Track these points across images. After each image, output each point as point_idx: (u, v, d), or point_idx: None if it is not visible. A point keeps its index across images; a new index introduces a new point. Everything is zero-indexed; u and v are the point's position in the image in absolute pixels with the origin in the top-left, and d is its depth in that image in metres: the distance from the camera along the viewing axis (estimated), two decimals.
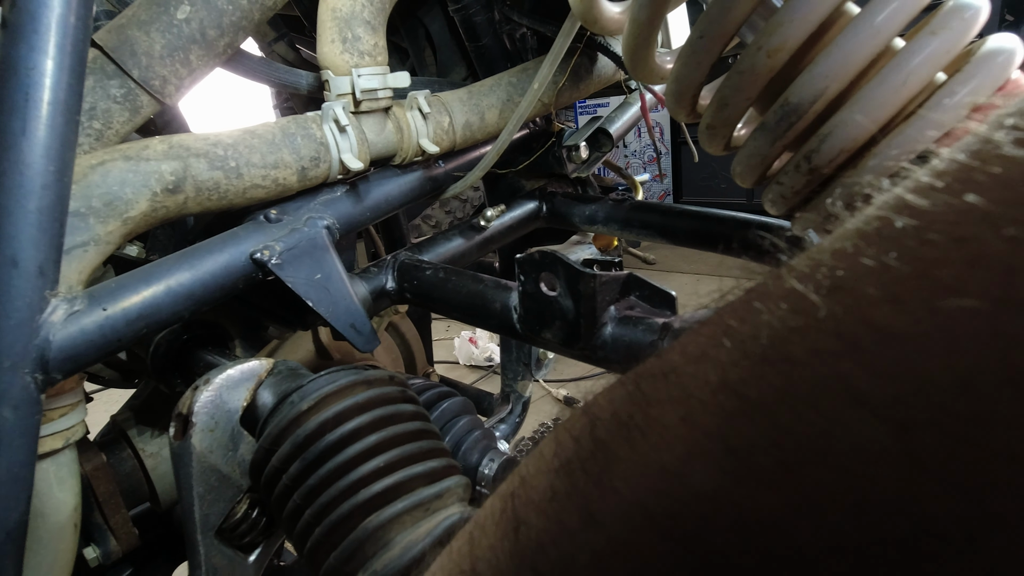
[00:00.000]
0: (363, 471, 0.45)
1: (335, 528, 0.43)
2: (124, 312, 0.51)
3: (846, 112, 0.33)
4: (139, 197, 0.53)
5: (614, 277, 0.57)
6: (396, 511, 0.44)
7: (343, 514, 0.43)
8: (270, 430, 0.48)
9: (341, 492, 0.44)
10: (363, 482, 0.44)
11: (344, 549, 0.43)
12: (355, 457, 0.45)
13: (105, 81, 0.55)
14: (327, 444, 0.46)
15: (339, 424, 0.46)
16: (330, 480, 0.45)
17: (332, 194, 0.71)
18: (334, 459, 0.45)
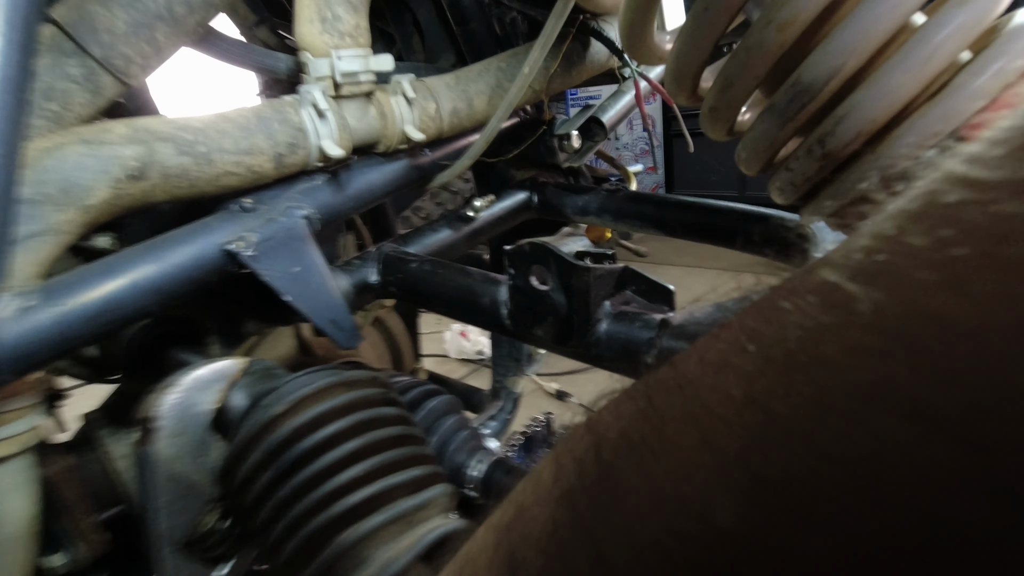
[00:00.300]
0: (339, 481, 0.42)
1: (308, 544, 0.40)
2: (83, 308, 0.47)
3: (864, 92, 0.30)
4: (99, 184, 0.50)
5: (609, 271, 0.54)
6: (374, 525, 0.41)
7: (316, 528, 0.40)
8: (241, 436, 0.45)
9: (315, 504, 0.41)
10: (339, 493, 0.41)
11: (317, 568, 0.39)
12: (331, 466, 0.42)
13: (62, 60, 0.51)
14: (301, 451, 0.42)
15: (315, 429, 0.43)
16: (303, 491, 0.41)
17: (311, 183, 0.68)
18: (308, 468, 0.42)
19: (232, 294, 0.75)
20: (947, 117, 0.30)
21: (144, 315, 0.52)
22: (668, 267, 4.16)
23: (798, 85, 0.32)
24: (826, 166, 0.34)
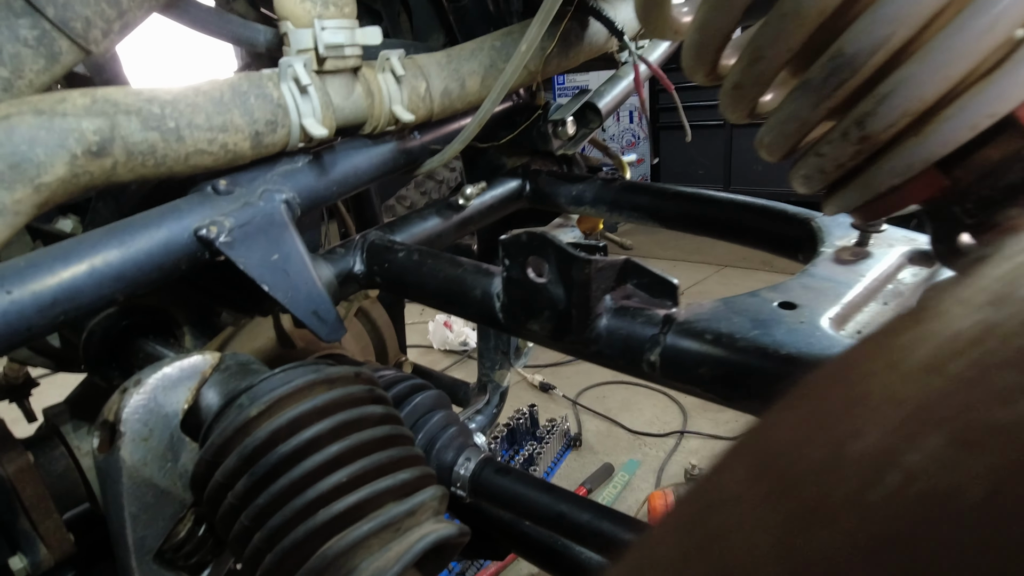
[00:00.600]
0: (321, 488, 0.38)
1: (288, 556, 0.37)
2: (35, 296, 0.43)
3: (913, 66, 0.27)
4: (54, 160, 0.45)
5: (610, 263, 0.51)
6: (361, 534, 0.37)
7: (298, 540, 0.37)
8: (213, 439, 0.41)
9: (296, 513, 0.37)
10: (322, 501, 0.38)
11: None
12: (312, 472, 0.38)
13: (12, 20, 0.46)
14: (279, 457, 0.39)
15: (294, 432, 0.39)
16: (283, 499, 0.38)
17: (292, 164, 0.63)
18: (287, 475, 0.38)
19: (206, 282, 0.71)
20: (1003, 97, 0.27)
21: (105, 304, 0.48)
22: (653, 260, 4.16)
23: (838, 58, 0.29)
24: (863, 151, 0.31)
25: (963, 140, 0.28)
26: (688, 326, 0.47)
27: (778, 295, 0.49)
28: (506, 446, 2.21)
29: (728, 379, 0.44)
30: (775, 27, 0.30)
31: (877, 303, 0.51)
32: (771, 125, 0.34)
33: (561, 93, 5.01)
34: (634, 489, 2.07)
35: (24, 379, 1.07)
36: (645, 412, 2.49)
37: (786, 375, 0.41)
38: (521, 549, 0.76)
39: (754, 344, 0.43)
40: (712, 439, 2.28)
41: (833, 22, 0.29)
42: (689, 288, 3.61)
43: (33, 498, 0.68)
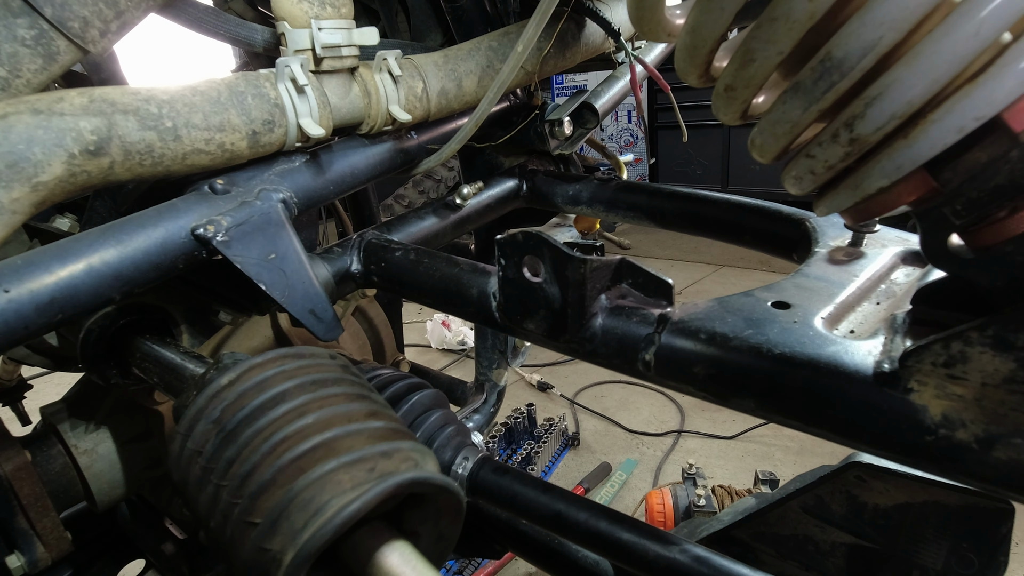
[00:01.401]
0: (288, 431, 0.37)
1: (256, 500, 0.35)
2: (32, 295, 0.43)
3: (901, 70, 0.28)
4: (52, 159, 0.45)
5: (605, 262, 0.51)
6: (330, 468, 0.35)
7: (264, 482, 0.35)
8: (188, 412, 0.41)
9: (263, 457, 0.36)
10: (289, 441, 0.37)
11: (266, 523, 0.34)
12: (279, 418, 0.38)
13: (10, 19, 0.47)
14: (246, 411, 0.39)
15: (262, 392, 0.40)
16: (250, 447, 0.37)
17: (289, 164, 0.64)
18: (254, 425, 0.38)
19: (203, 281, 0.71)
20: (989, 100, 0.27)
21: (103, 303, 0.48)
22: (650, 260, 4.16)
23: (829, 61, 0.29)
24: (853, 153, 0.31)
25: (951, 142, 0.28)
26: (682, 325, 0.47)
27: (772, 295, 0.50)
28: (504, 445, 2.21)
29: (722, 378, 0.44)
30: (766, 30, 0.30)
31: (870, 303, 0.51)
32: (762, 127, 0.34)
33: (560, 93, 5.01)
34: (631, 488, 2.08)
35: (18, 381, 1.07)
36: (643, 411, 2.50)
37: (779, 374, 0.42)
38: (519, 548, 0.77)
39: (747, 343, 0.43)
40: (709, 438, 2.29)
41: (823, 26, 0.29)
42: (686, 288, 3.62)
43: (30, 496, 0.68)
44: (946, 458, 0.34)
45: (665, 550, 0.59)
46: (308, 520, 0.33)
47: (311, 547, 0.32)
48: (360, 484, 0.34)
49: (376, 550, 0.35)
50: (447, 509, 0.40)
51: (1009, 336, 0.31)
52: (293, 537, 0.33)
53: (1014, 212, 0.30)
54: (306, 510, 0.34)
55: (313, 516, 0.33)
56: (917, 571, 0.62)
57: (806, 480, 0.66)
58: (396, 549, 0.35)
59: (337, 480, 0.35)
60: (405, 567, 0.34)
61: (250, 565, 0.34)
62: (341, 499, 0.34)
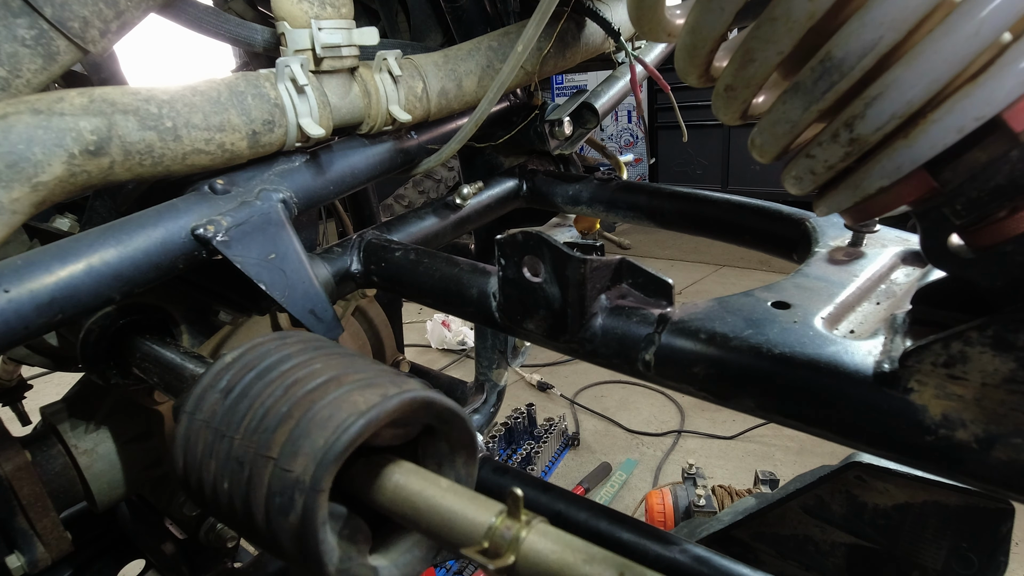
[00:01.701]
0: (298, 375, 0.38)
1: (273, 434, 0.36)
2: (32, 295, 0.43)
3: (901, 70, 0.28)
4: (52, 159, 0.45)
5: (605, 262, 0.51)
6: (344, 390, 0.36)
7: (281, 415, 0.36)
8: (192, 393, 0.41)
9: (275, 401, 0.37)
10: (300, 383, 0.38)
11: (286, 449, 0.35)
12: (287, 370, 0.39)
13: (10, 19, 0.47)
14: (255, 372, 0.39)
15: (266, 357, 0.40)
16: (261, 397, 0.38)
17: (289, 164, 0.64)
18: (263, 379, 0.39)
19: (203, 281, 0.71)
20: (989, 100, 0.27)
21: (103, 303, 0.48)
22: (651, 260, 4.16)
23: (828, 61, 0.29)
24: (852, 152, 0.31)
25: (950, 142, 0.28)
26: (682, 325, 0.47)
27: (772, 295, 0.50)
28: (504, 445, 2.21)
29: (722, 378, 0.44)
30: (766, 30, 0.30)
31: (870, 303, 0.51)
32: (762, 127, 0.34)
33: (560, 93, 5.01)
34: (631, 488, 2.08)
35: (18, 381, 1.07)
36: (643, 411, 2.50)
37: (779, 374, 0.42)
38: None
39: (747, 343, 0.43)
40: (709, 438, 2.29)
41: (823, 26, 0.29)
42: (686, 287, 3.62)
43: (30, 496, 0.68)
44: (946, 458, 0.34)
45: (665, 550, 0.59)
46: (328, 436, 0.34)
47: (332, 455, 0.33)
48: (373, 404, 0.35)
49: (385, 471, 0.36)
50: (460, 444, 0.41)
51: (1009, 336, 0.31)
52: (315, 453, 0.34)
53: (1014, 212, 0.30)
54: (325, 428, 0.35)
55: (332, 431, 0.34)
56: (917, 571, 0.62)
57: (806, 480, 0.66)
58: (402, 466, 0.36)
59: (352, 400, 0.36)
60: (414, 476, 0.35)
61: (274, 493, 0.35)
62: (357, 414, 0.35)
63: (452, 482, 0.34)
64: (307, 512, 0.33)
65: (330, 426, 0.34)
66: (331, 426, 0.34)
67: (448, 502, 0.33)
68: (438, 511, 0.33)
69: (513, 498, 0.30)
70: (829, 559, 0.67)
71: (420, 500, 0.34)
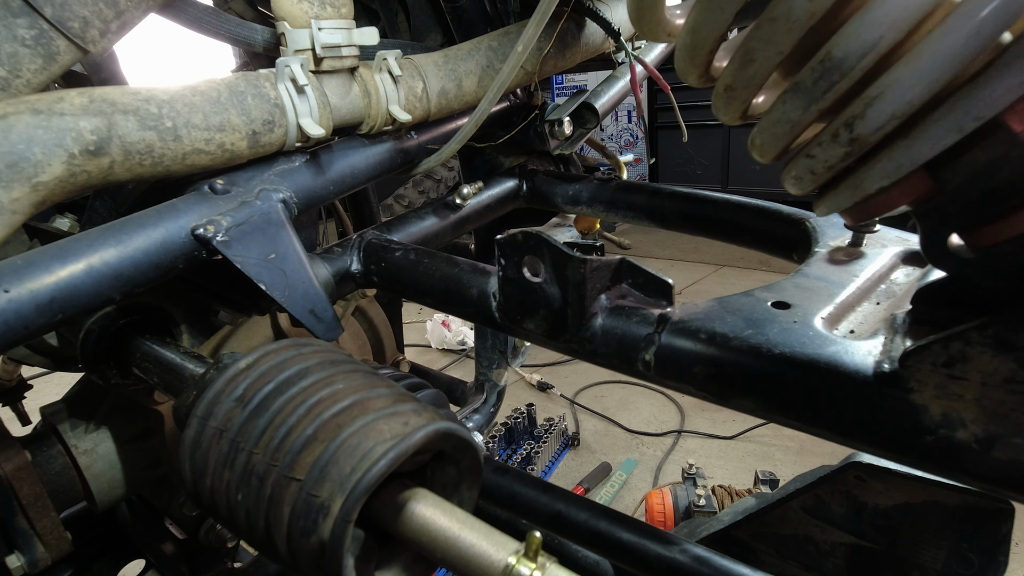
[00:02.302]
0: (322, 394, 0.39)
1: (298, 456, 0.37)
2: (32, 295, 0.43)
3: (901, 70, 0.28)
4: (52, 159, 0.45)
5: (605, 262, 0.51)
6: (370, 419, 0.37)
7: (307, 437, 0.37)
8: (205, 397, 0.41)
9: (299, 420, 0.38)
10: (324, 403, 0.38)
11: (313, 473, 0.36)
12: (308, 387, 0.40)
13: (10, 19, 0.47)
14: (274, 384, 0.40)
15: (284, 369, 0.41)
16: (283, 414, 0.39)
17: (289, 164, 0.64)
18: (283, 394, 0.39)
19: (203, 281, 0.71)
20: (989, 101, 0.27)
21: (103, 303, 0.48)
22: (651, 260, 4.16)
23: (828, 61, 0.29)
24: (852, 153, 0.31)
25: (950, 143, 0.28)
26: (682, 325, 0.47)
27: (772, 295, 0.50)
28: (504, 445, 2.21)
29: (721, 378, 0.44)
30: (766, 30, 0.30)
31: (870, 303, 0.51)
32: (762, 127, 0.34)
33: (560, 93, 5.01)
34: (631, 488, 2.08)
35: (18, 381, 1.07)
36: (643, 411, 2.50)
37: (779, 374, 0.42)
38: None
39: (747, 343, 0.43)
40: (709, 438, 2.29)
41: (823, 26, 0.29)
42: (687, 287, 3.62)
43: (30, 496, 0.68)
44: (946, 458, 0.34)
45: (665, 550, 0.59)
46: (356, 464, 0.35)
47: (362, 488, 0.34)
48: (398, 434, 0.37)
49: (407, 501, 0.37)
50: (469, 470, 0.42)
51: (1009, 336, 0.31)
52: (342, 482, 0.35)
53: (1014, 212, 0.30)
54: (353, 456, 0.36)
55: (360, 460, 0.35)
56: (917, 571, 0.62)
57: (806, 480, 0.66)
58: (423, 497, 0.37)
59: (378, 429, 0.37)
60: (435, 509, 0.36)
61: (298, 515, 0.36)
62: (384, 445, 0.36)
63: (471, 516, 0.35)
64: (334, 541, 0.34)
65: (358, 454, 0.35)
66: (359, 454, 0.35)
67: (469, 538, 0.34)
68: (458, 547, 0.34)
69: (530, 540, 0.31)
70: (829, 559, 0.67)
71: (441, 535, 0.35)
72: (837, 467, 0.63)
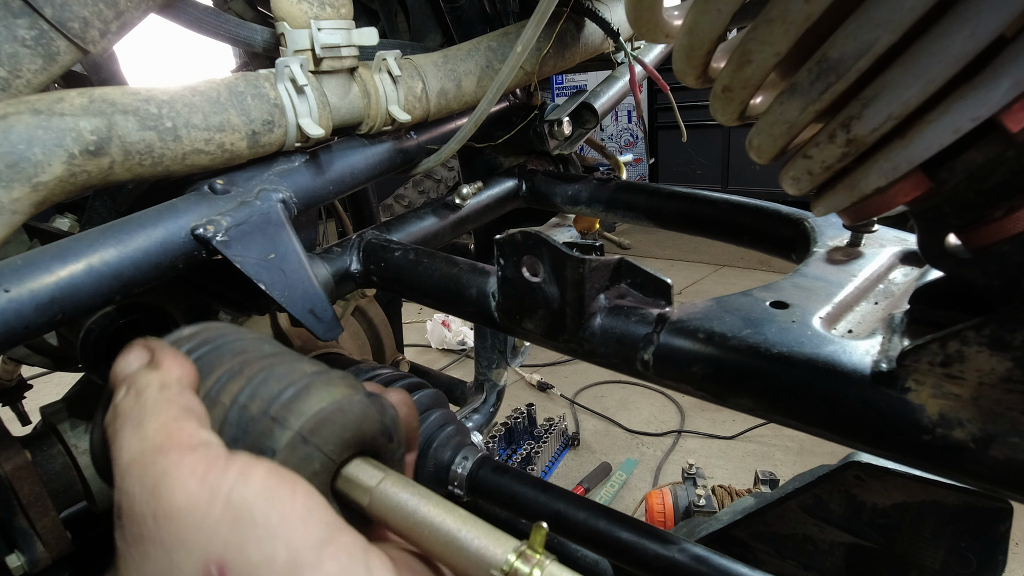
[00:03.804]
0: (257, 351, 0.37)
1: (227, 386, 0.34)
2: (32, 295, 0.43)
3: (897, 71, 0.28)
4: (52, 159, 0.45)
5: (604, 262, 0.51)
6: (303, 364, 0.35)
7: (235, 371, 0.35)
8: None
9: (233, 361, 0.36)
10: (258, 356, 0.36)
11: (243, 393, 0.33)
12: (247, 345, 0.37)
13: (10, 20, 0.47)
14: (217, 343, 0.38)
15: (223, 333, 0.39)
16: (221, 356, 0.36)
17: (289, 164, 0.64)
18: (223, 347, 0.37)
19: (203, 281, 0.71)
20: (985, 101, 0.27)
21: (103, 303, 0.48)
22: (651, 260, 4.17)
23: (825, 62, 0.29)
24: (849, 153, 0.31)
25: (947, 143, 0.28)
26: (681, 325, 0.47)
27: (770, 294, 0.50)
28: (504, 445, 2.21)
29: (720, 377, 0.44)
30: (763, 31, 0.30)
31: (868, 302, 0.51)
32: (760, 127, 0.35)
33: (559, 93, 5.02)
34: (631, 488, 2.08)
35: (18, 381, 1.07)
36: (643, 411, 2.50)
37: (777, 374, 0.42)
38: None
39: (746, 343, 0.43)
40: (709, 438, 2.29)
41: (820, 26, 0.29)
42: (686, 287, 3.63)
43: (30, 496, 0.68)
44: (943, 457, 0.34)
45: (664, 549, 0.59)
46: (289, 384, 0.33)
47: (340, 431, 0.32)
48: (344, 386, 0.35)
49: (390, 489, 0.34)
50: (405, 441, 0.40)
51: (1006, 336, 0.31)
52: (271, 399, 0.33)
53: (1010, 212, 0.31)
54: (282, 381, 0.34)
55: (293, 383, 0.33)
56: (916, 570, 0.62)
57: (805, 480, 0.66)
58: (417, 489, 0.34)
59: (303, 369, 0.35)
60: (369, 469, 0.34)
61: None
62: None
63: (468, 513, 0.33)
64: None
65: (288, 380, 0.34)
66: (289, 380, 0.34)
67: (466, 536, 0.31)
68: (456, 543, 0.31)
69: (536, 532, 0.29)
70: (828, 558, 0.67)
71: (438, 529, 0.32)
72: (836, 467, 0.63)
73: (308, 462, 0.31)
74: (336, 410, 0.32)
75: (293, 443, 0.31)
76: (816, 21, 0.29)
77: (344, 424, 0.32)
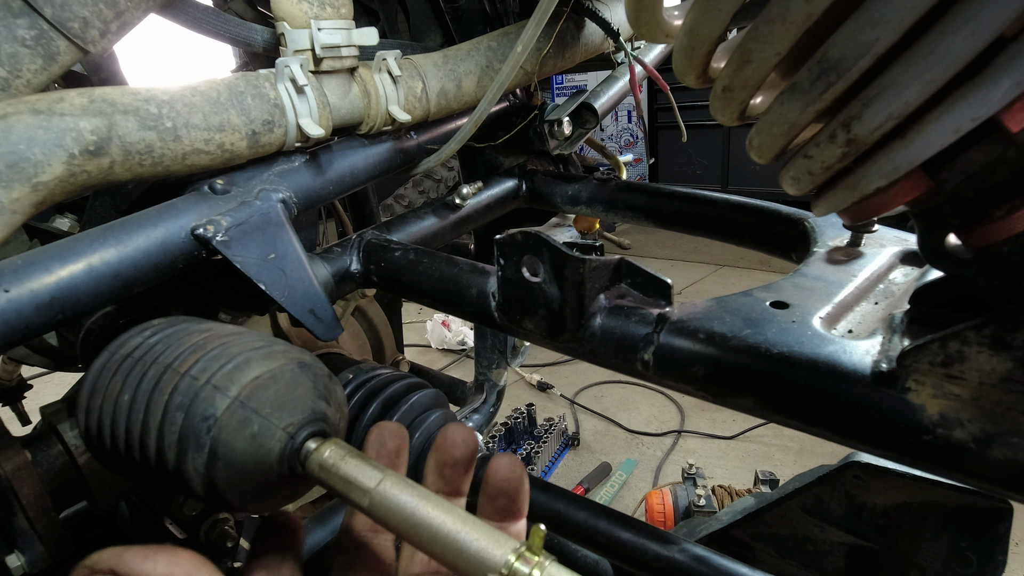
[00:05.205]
0: (218, 333, 0.38)
1: (190, 357, 0.36)
2: (32, 295, 0.43)
3: (898, 71, 0.28)
4: (52, 159, 0.45)
5: (604, 262, 0.51)
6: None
7: (198, 345, 0.37)
8: (120, 338, 0.41)
9: (194, 340, 0.37)
10: (218, 337, 0.38)
11: (199, 364, 0.35)
12: (208, 332, 0.39)
13: (10, 20, 0.47)
14: (181, 326, 0.39)
15: (191, 321, 0.40)
16: (183, 338, 0.38)
17: (289, 164, 0.64)
18: (188, 330, 0.39)
19: (203, 281, 0.71)
20: (985, 101, 0.27)
21: (103, 303, 0.48)
22: (650, 260, 4.16)
23: (825, 62, 0.29)
24: (850, 153, 0.31)
25: (947, 143, 0.28)
26: (681, 325, 0.47)
27: (770, 294, 0.50)
28: (504, 445, 2.21)
29: (720, 378, 0.44)
30: (763, 31, 0.30)
31: (868, 303, 0.51)
32: (760, 127, 0.35)
33: (560, 93, 5.01)
34: (631, 488, 2.08)
35: (18, 381, 1.07)
36: (643, 411, 2.50)
37: (777, 374, 0.42)
38: None
39: (746, 343, 0.43)
40: (709, 438, 2.29)
41: (820, 27, 0.29)
42: (686, 287, 3.63)
43: (30, 496, 0.68)
44: (944, 457, 0.34)
45: (664, 549, 0.59)
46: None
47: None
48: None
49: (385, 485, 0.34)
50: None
51: (1006, 336, 0.31)
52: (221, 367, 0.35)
53: (1011, 212, 0.31)
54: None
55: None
56: (916, 570, 0.62)
57: (805, 480, 0.66)
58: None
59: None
60: (368, 469, 0.34)
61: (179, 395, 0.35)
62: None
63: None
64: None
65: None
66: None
67: (465, 537, 0.31)
68: (456, 545, 0.31)
69: (535, 533, 0.28)
70: (828, 558, 0.67)
71: (437, 532, 0.31)
72: (836, 467, 0.63)
73: (246, 425, 0.34)
74: (270, 377, 0.35)
75: (232, 408, 0.33)
76: (816, 21, 0.29)
77: (278, 390, 0.35)
